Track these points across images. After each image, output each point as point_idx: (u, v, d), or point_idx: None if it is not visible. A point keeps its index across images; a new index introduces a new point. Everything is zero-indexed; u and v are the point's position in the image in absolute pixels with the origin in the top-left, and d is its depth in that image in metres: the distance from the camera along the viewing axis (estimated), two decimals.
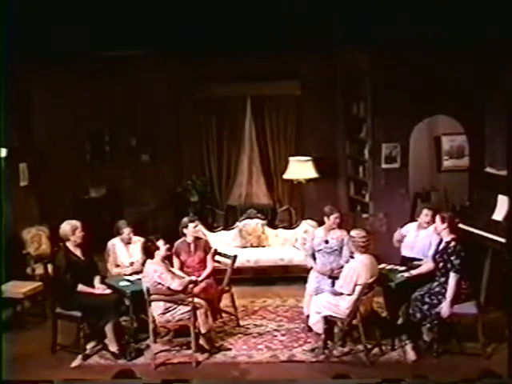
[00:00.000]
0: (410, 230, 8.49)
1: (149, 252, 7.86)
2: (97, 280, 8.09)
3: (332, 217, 8.27)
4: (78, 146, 11.74)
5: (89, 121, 11.59)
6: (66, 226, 8.00)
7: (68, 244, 7.99)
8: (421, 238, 8.30)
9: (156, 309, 7.64)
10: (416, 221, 8.60)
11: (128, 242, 8.73)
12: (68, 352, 7.97)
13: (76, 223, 8.05)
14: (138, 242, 8.74)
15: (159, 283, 7.61)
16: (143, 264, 8.15)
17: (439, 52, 9.69)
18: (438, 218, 7.73)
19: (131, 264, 8.60)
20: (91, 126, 11.70)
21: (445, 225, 7.63)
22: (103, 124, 11.81)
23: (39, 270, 9.16)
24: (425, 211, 8.35)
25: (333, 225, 8.29)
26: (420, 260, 8.19)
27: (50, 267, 8.21)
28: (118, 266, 8.66)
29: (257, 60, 10.67)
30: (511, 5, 7.18)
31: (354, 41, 9.28)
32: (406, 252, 8.42)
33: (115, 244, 8.72)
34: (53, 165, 10.98)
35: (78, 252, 8.00)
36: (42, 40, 8.13)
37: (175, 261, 8.49)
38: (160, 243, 7.76)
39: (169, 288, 7.61)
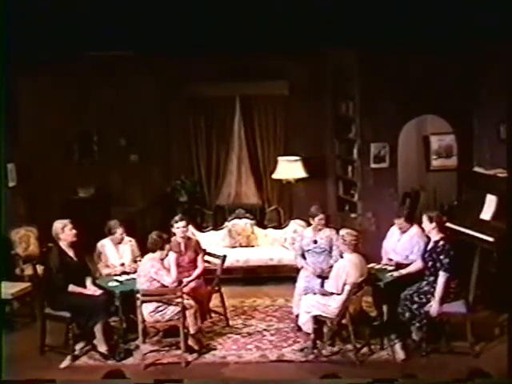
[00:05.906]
0: (394, 232, 8.50)
1: (153, 245, 7.77)
2: (89, 281, 8.05)
3: (316, 218, 8.31)
4: (67, 145, 11.72)
5: (77, 121, 11.56)
6: (56, 225, 7.98)
7: (61, 244, 7.96)
8: (402, 243, 8.34)
9: (146, 309, 7.63)
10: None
11: (119, 242, 8.68)
12: (57, 353, 7.93)
13: (65, 221, 8.02)
14: (128, 242, 8.71)
15: (154, 279, 7.60)
16: (135, 261, 8.25)
17: (428, 52, 9.74)
18: (425, 217, 7.73)
19: (121, 265, 8.51)
20: (79, 126, 11.67)
21: (433, 224, 7.64)
22: (92, 124, 11.77)
23: (28, 270, 9.12)
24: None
25: (318, 226, 8.33)
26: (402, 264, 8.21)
27: (38, 268, 8.18)
28: (107, 266, 8.58)
29: (245, 60, 10.68)
30: (497, 5, 7.24)
31: (343, 41, 9.31)
32: (391, 255, 8.45)
33: (105, 245, 8.64)
34: (41, 165, 10.94)
35: (70, 252, 7.96)
36: (29, 40, 8.10)
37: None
38: (167, 247, 7.77)
39: (162, 285, 7.60)
